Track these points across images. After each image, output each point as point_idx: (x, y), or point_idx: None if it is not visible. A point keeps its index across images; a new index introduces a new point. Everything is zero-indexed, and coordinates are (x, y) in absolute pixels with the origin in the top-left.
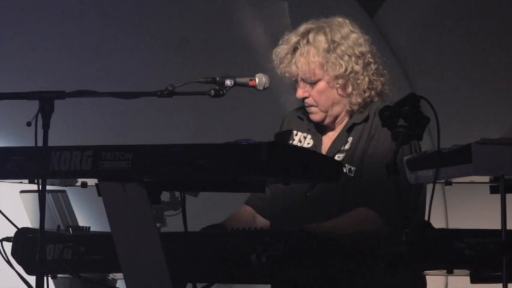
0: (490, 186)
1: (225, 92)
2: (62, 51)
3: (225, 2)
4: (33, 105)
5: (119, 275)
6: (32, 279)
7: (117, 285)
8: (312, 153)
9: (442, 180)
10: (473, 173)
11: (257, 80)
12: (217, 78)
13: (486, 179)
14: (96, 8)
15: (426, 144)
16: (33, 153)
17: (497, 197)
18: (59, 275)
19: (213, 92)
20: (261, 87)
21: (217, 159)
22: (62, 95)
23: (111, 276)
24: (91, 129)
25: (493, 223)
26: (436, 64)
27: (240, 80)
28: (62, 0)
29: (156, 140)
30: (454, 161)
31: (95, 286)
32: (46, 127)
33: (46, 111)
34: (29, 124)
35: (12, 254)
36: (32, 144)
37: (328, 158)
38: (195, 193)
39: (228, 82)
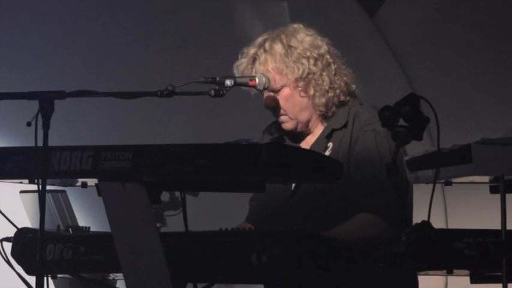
0: (490, 186)
1: (225, 92)
2: (62, 51)
3: (225, 2)
4: (33, 105)
5: (119, 275)
6: (31, 280)
7: (117, 286)
8: (311, 153)
9: (442, 180)
10: (473, 173)
11: (257, 80)
12: (217, 78)
13: (486, 179)
14: (96, 9)
15: (426, 144)
16: (33, 153)
17: (497, 197)
18: (58, 275)
19: (213, 92)
20: (261, 87)
21: (217, 159)
22: (62, 95)
23: (111, 276)
24: (91, 129)
25: (493, 223)
26: (436, 64)
27: (240, 80)
28: (61, 1)
29: (156, 140)
30: (454, 161)
31: (95, 286)
32: (46, 127)
33: (46, 111)
34: (29, 124)
35: (12, 254)
36: (32, 144)
37: (328, 158)
38: (195, 193)
39: (228, 82)
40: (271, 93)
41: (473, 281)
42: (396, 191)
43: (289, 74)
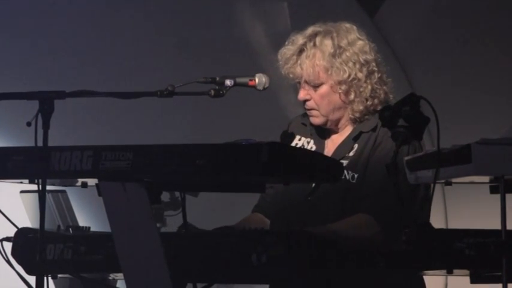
0: (490, 186)
1: (225, 92)
2: (62, 51)
3: (225, 2)
4: (33, 105)
5: (119, 275)
6: (32, 279)
7: (117, 285)
8: (312, 154)
9: (442, 180)
10: (473, 173)
11: (257, 80)
12: (217, 78)
13: (486, 179)
14: (96, 8)
15: (426, 144)
16: (33, 153)
17: (497, 197)
18: (59, 275)
19: (213, 92)
20: (261, 87)
21: (217, 159)
22: (62, 95)
23: (111, 276)
24: (91, 129)
25: (493, 223)
26: (436, 64)
27: (240, 80)
28: (61, 1)
29: (156, 140)
30: (454, 161)
31: (95, 286)
32: (46, 127)
33: (46, 111)
34: (29, 124)
35: (12, 254)
36: (32, 144)
37: (329, 158)
38: (195, 193)
39: (228, 82)
40: (309, 87)
41: (473, 281)
42: (398, 190)
43: (334, 74)
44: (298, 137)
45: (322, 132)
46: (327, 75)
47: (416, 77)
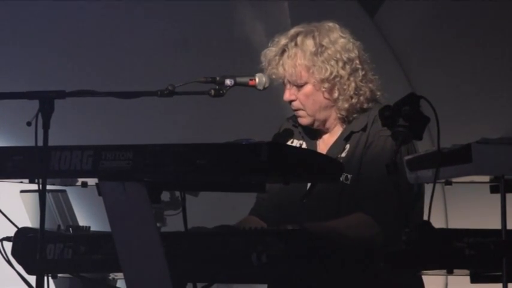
0: (490, 186)
1: (225, 91)
2: (62, 51)
3: (225, 2)
4: (33, 105)
5: (119, 275)
6: (32, 279)
7: (117, 285)
8: (312, 153)
9: (442, 180)
10: (473, 173)
11: (257, 79)
12: (217, 78)
13: (486, 178)
14: (96, 8)
15: (426, 144)
16: (33, 153)
17: (497, 197)
18: (59, 275)
19: (213, 91)
20: (261, 87)
21: (217, 159)
22: (62, 95)
23: (111, 276)
24: (91, 129)
25: (493, 223)
26: (436, 64)
27: (240, 79)
28: (61, 0)
29: (156, 140)
30: (454, 160)
31: (95, 286)
32: (46, 127)
33: (46, 111)
34: (29, 124)
35: (13, 253)
36: (32, 144)
37: (329, 158)
38: (195, 193)
39: (228, 82)
40: (293, 87)
41: (473, 281)
42: (398, 190)
43: (316, 73)
44: (290, 140)
45: (313, 134)
46: (309, 74)
47: (416, 77)
